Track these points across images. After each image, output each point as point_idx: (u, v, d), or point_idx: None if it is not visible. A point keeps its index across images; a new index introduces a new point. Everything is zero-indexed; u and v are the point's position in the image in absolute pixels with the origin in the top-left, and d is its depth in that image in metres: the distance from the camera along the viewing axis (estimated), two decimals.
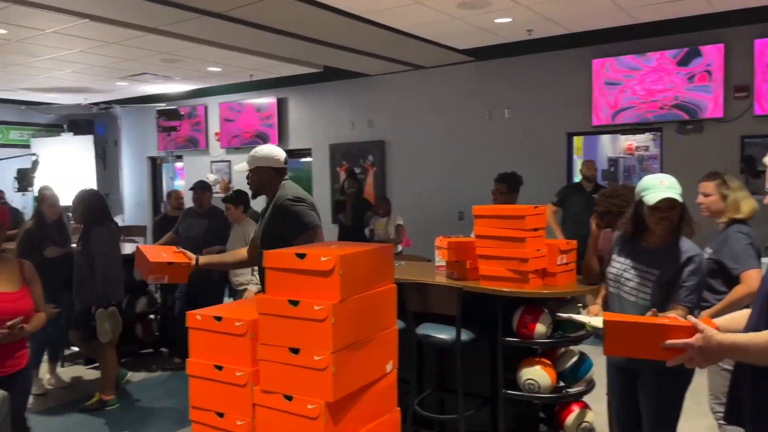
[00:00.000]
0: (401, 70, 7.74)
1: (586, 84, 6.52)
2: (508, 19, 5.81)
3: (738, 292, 2.87)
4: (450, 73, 7.52)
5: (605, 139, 9.44)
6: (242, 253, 3.31)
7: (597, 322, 2.56)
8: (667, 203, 2.49)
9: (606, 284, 2.81)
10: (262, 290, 2.58)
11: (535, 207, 3.40)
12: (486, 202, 5.17)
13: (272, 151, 3.16)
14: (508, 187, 4.54)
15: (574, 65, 6.63)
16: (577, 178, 6.82)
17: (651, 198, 2.50)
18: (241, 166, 3.15)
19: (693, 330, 1.60)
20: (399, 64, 7.43)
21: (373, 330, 1.84)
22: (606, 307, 2.79)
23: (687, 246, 2.53)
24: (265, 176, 3.09)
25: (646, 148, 9.68)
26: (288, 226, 2.90)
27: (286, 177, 3.19)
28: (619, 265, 2.67)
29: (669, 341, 1.60)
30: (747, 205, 3.08)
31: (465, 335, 3.43)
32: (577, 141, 7.58)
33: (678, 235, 2.56)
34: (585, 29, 6.30)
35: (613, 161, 9.78)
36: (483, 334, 3.54)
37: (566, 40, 6.52)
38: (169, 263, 2.97)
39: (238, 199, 5.25)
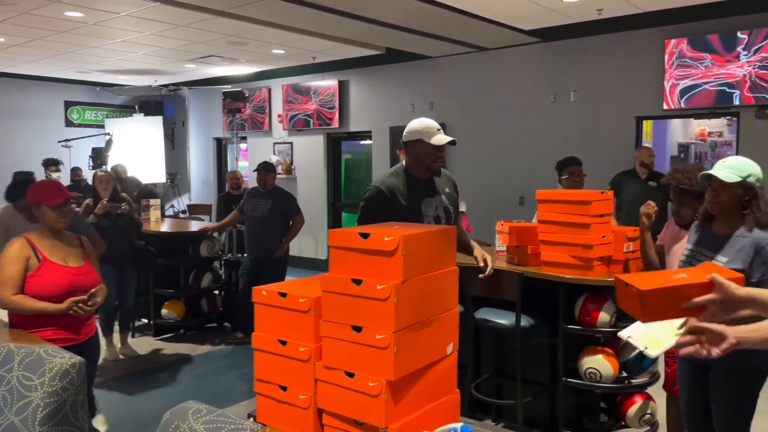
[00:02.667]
0: (464, 52, 7.63)
1: (657, 66, 6.25)
2: None
3: None
4: (514, 55, 7.36)
5: (676, 123, 9.03)
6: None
7: (652, 351, 2.47)
8: (712, 181, 2.39)
9: None
10: None
11: (602, 192, 3.31)
12: (548, 187, 5.06)
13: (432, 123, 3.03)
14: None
15: (645, 46, 6.36)
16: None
17: (706, 171, 2.44)
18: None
19: (712, 286, 1.61)
20: (462, 45, 7.32)
21: (434, 311, 1.83)
22: None
23: (757, 235, 2.34)
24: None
25: (720, 134, 9.22)
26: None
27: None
28: (689, 252, 2.56)
29: (691, 301, 1.63)
30: None
31: (525, 321, 3.40)
32: (647, 126, 7.29)
33: (748, 223, 2.38)
34: (658, 8, 6.02)
35: (684, 147, 9.36)
36: (543, 320, 3.50)
37: (638, 20, 6.25)
38: None
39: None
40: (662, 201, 5.45)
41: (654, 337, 2.48)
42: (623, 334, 2.60)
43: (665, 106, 6.24)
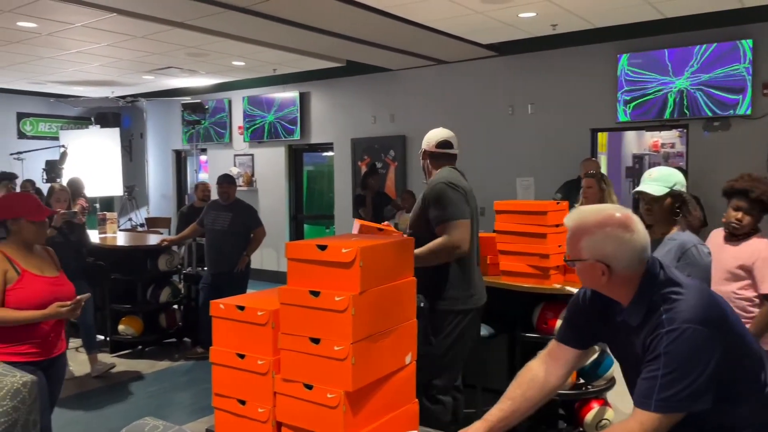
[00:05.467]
0: (423, 65, 7.73)
1: (611, 79, 6.45)
2: (533, 14, 5.77)
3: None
4: (473, 68, 7.49)
5: (630, 135, 9.32)
6: None
7: None
8: (643, 195, 2.53)
9: None
10: None
11: (558, 202, 3.39)
12: (507, 198, 5.15)
13: (430, 134, 3.17)
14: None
15: (599, 60, 6.55)
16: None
17: (636, 188, 2.58)
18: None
19: None
20: (421, 58, 7.41)
21: (392, 322, 1.85)
22: None
23: (683, 238, 2.48)
24: (425, 160, 3.12)
25: (672, 145, 9.54)
26: (433, 212, 2.88)
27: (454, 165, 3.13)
28: None
29: None
30: None
31: (484, 330, 3.44)
32: (602, 137, 7.50)
33: (681, 228, 2.52)
34: (611, 24, 6.22)
35: (638, 158, 9.65)
36: (502, 329, 3.55)
37: (591, 35, 6.45)
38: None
39: None
40: None
41: None
42: None
43: (618, 119, 6.43)
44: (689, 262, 2.41)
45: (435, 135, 3.15)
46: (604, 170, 6.54)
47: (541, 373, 1.86)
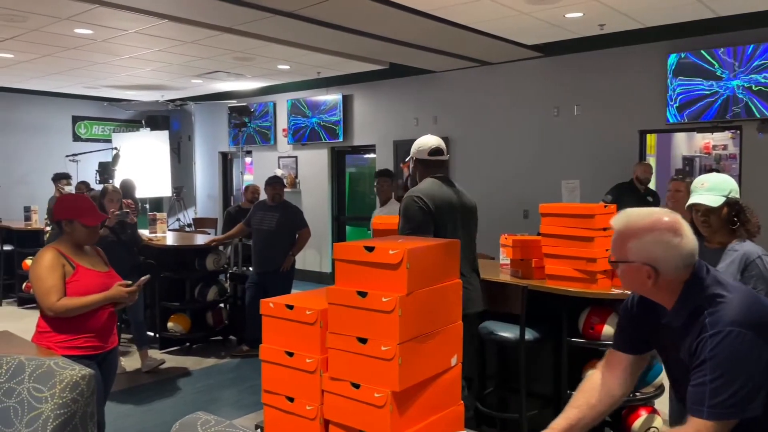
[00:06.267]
0: (467, 66, 7.69)
1: (660, 80, 6.29)
2: (579, 14, 5.69)
3: None
4: (517, 69, 7.42)
5: (680, 137, 9.07)
6: None
7: None
8: (699, 207, 2.43)
9: None
10: None
11: (605, 206, 3.33)
12: (552, 200, 5.09)
13: (421, 141, 3.19)
14: None
15: (648, 61, 6.41)
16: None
17: (689, 201, 2.47)
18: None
19: None
20: (465, 60, 7.39)
21: (438, 323, 1.86)
22: None
23: (746, 249, 2.39)
24: (415, 168, 3.15)
25: (724, 147, 9.25)
26: (399, 223, 2.93)
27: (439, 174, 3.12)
28: None
29: None
30: None
31: (529, 334, 3.41)
32: (650, 139, 7.32)
33: (738, 237, 2.44)
34: (660, 23, 6.08)
35: (689, 160, 9.39)
36: (547, 333, 3.51)
37: (640, 35, 6.31)
38: None
39: None
40: None
41: None
42: None
43: (668, 120, 6.28)
44: (755, 274, 2.33)
45: (426, 142, 3.15)
46: (654, 172, 6.38)
47: (602, 381, 1.85)
